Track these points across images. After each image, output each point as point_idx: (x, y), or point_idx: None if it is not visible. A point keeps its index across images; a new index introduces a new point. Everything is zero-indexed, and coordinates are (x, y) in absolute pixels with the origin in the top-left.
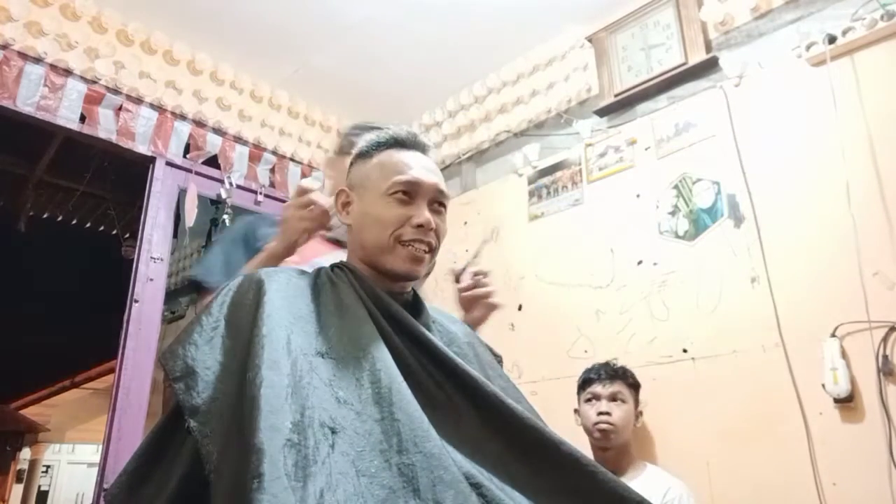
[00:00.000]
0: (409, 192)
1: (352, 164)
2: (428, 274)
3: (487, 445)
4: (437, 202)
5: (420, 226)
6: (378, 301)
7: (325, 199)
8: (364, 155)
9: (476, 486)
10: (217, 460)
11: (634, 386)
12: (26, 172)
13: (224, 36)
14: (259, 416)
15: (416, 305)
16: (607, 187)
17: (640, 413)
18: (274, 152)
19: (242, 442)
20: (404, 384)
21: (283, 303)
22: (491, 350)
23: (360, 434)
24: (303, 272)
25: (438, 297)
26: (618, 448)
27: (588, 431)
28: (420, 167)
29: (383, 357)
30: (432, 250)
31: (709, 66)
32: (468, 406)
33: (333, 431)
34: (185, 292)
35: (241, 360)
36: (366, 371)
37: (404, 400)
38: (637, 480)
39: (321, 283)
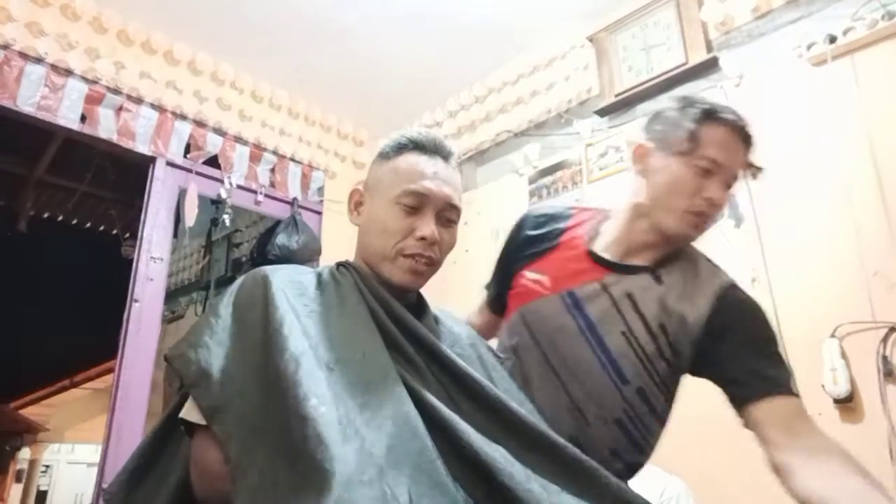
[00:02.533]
0: (417, 202)
1: (374, 161)
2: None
3: (495, 442)
4: (447, 213)
5: (423, 238)
6: (382, 302)
7: None
8: (383, 156)
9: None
10: (239, 458)
11: None
12: (26, 172)
13: (224, 36)
14: (299, 392)
15: (419, 306)
16: (608, 187)
17: None
18: (274, 152)
19: (278, 425)
20: (404, 391)
21: (289, 297)
22: (494, 352)
23: (362, 423)
24: (306, 269)
25: (439, 299)
26: None
27: None
28: (434, 176)
29: (385, 361)
30: (434, 264)
31: (709, 66)
32: (473, 408)
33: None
34: (185, 292)
35: (254, 359)
36: (365, 376)
37: (405, 407)
38: (634, 480)
39: (324, 282)
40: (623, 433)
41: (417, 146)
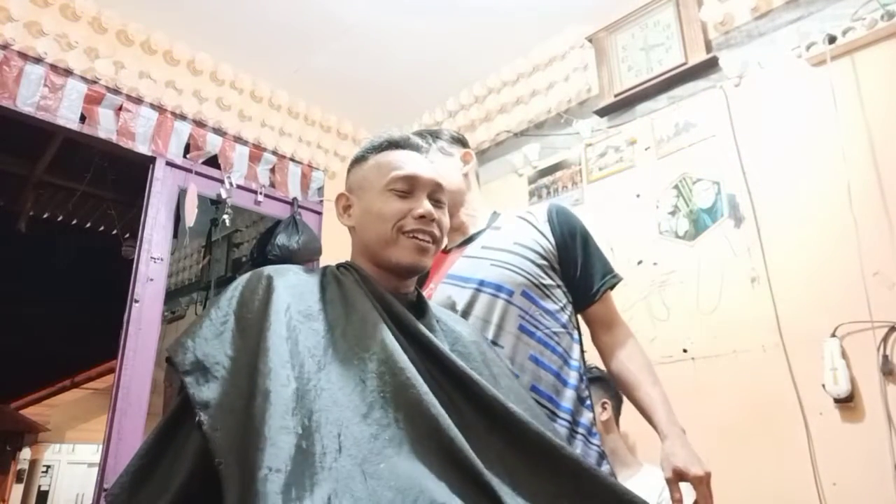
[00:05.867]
0: (408, 185)
1: (349, 169)
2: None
3: (489, 445)
4: (437, 196)
5: (422, 216)
6: (382, 301)
7: None
8: (360, 159)
9: (483, 486)
10: (227, 454)
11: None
12: (26, 172)
13: (224, 36)
14: (266, 425)
15: (419, 305)
16: (607, 187)
17: (604, 407)
18: (274, 152)
19: (251, 447)
20: (413, 386)
21: (292, 300)
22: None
23: (367, 437)
24: (310, 270)
25: None
26: None
27: None
28: (416, 163)
29: (391, 358)
30: (436, 241)
31: (709, 66)
32: (470, 408)
33: (340, 435)
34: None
35: (250, 358)
36: (371, 373)
37: (411, 402)
38: (633, 480)
39: (327, 281)
40: (530, 337)
41: (392, 144)
